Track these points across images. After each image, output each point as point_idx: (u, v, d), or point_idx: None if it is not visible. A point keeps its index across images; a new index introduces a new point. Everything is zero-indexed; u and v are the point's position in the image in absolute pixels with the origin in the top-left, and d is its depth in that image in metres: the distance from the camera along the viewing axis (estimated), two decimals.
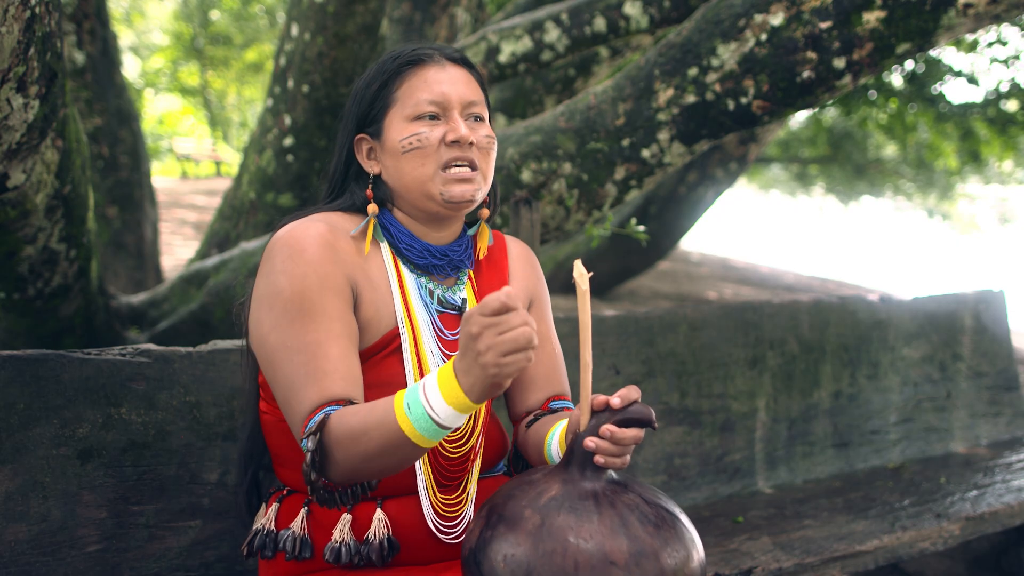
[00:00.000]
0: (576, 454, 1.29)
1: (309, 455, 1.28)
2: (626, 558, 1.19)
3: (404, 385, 1.43)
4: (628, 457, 1.28)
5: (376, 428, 1.24)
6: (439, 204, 1.45)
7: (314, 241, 1.40)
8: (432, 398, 1.20)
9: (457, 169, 1.44)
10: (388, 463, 1.28)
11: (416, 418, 1.21)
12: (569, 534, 1.20)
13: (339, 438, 1.27)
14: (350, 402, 1.34)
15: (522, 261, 1.65)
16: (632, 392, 1.27)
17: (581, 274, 1.21)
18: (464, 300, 1.52)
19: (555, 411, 1.57)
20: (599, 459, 1.26)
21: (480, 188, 1.46)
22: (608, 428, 1.25)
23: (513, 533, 1.22)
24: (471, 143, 1.44)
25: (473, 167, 1.45)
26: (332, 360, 1.35)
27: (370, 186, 1.50)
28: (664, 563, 1.20)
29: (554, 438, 1.43)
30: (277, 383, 1.37)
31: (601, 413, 1.28)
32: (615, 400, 1.27)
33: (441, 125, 1.45)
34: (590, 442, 1.26)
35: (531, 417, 1.55)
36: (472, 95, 1.48)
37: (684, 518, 1.30)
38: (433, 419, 1.20)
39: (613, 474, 1.30)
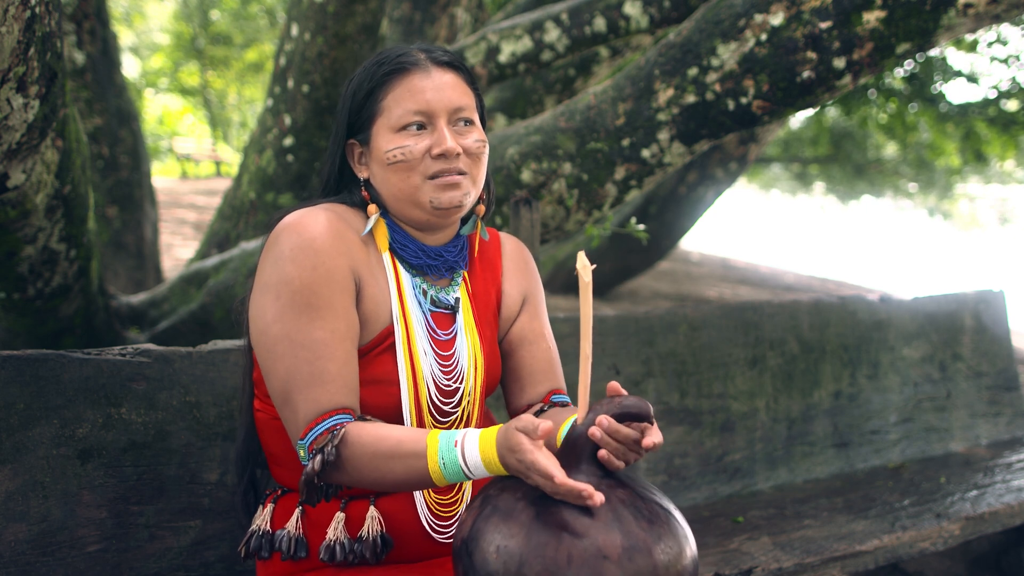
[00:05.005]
0: (572, 448, 1.28)
1: (319, 460, 1.30)
2: (619, 552, 1.18)
3: (396, 383, 1.43)
4: (631, 459, 1.28)
5: (400, 462, 1.30)
6: (428, 212, 1.45)
7: (324, 229, 1.39)
8: (469, 455, 1.27)
9: (446, 176, 1.43)
10: (399, 489, 1.37)
11: (448, 467, 1.29)
12: (563, 527, 1.20)
13: (356, 455, 1.31)
14: (352, 411, 1.36)
15: (515, 259, 1.65)
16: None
17: (584, 266, 1.21)
18: (457, 300, 1.53)
19: (560, 404, 1.57)
20: (603, 454, 1.26)
21: (469, 193, 1.45)
22: (604, 418, 1.25)
23: (506, 524, 1.22)
24: (458, 153, 1.43)
25: (461, 173, 1.44)
26: (337, 364, 1.35)
27: (363, 189, 1.50)
28: (657, 558, 1.20)
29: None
30: (275, 374, 1.37)
31: (598, 406, 1.27)
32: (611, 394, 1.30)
33: (427, 136, 1.43)
34: (595, 430, 1.25)
35: (536, 409, 1.56)
36: (460, 100, 1.45)
37: (678, 514, 1.29)
38: (465, 473, 1.29)
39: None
